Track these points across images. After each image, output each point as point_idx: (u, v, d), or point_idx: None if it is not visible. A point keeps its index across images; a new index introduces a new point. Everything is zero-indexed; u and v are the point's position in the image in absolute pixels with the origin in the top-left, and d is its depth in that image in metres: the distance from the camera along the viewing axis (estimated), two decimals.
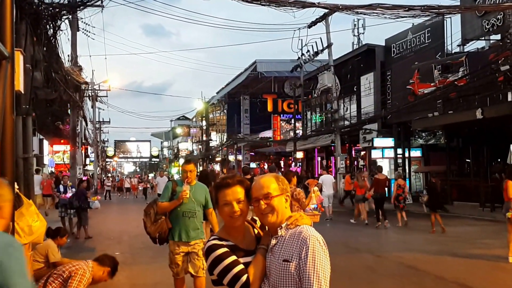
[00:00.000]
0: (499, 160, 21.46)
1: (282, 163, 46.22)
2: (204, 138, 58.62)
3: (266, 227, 2.66)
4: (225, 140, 55.07)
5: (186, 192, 6.15)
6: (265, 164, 45.59)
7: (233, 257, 2.51)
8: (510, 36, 17.77)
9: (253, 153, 49.52)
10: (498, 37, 21.92)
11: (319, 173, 34.35)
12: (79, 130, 26.93)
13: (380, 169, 18.67)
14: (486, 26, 21.94)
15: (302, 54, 29.71)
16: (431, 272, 9.41)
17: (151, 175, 67.65)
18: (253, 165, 45.35)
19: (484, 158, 23.28)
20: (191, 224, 6.31)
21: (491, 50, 21.69)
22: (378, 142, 27.80)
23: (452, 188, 24.55)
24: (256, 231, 2.73)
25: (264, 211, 2.52)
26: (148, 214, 6.46)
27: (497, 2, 21.09)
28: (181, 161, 73.57)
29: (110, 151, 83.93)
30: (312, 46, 28.97)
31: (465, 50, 24.37)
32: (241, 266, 2.49)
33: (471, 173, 24.44)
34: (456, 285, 8.41)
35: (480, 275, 9.21)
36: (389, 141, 27.65)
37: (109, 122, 60.78)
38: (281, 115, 45.56)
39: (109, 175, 68.04)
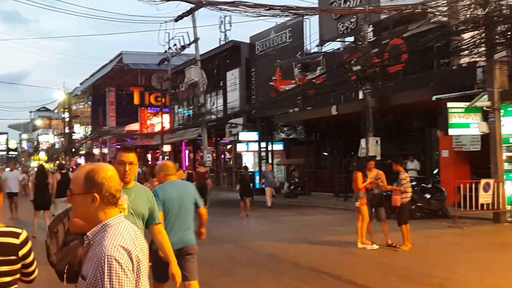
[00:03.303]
0: (352, 153, 23.20)
1: (149, 156, 45.71)
2: (67, 131, 56.00)
3: None
4: (89, 133, 53.12)
5: (123, 206, 3.76)
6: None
7: None
8: (362, 38, 19.25)
9: (119, 146, 48.34)
10: (352, 39, 23.64)
11: (186, 166, 34.55)
12: None
13: (202, 163, 21.70)
14: (341, 29, 23.58)
15: (169, 48, 29.61)
16: (288, 259, 10.04)
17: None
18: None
19: (339, 152, 25.03)
20: None
21: (346, 51, 23.33)
22: (243, 136, 28.65)
23: (310, 179, 26.06)
24: None
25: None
26: (54, 233, 4.08)
27: (351, 6, 22.73)
28: (42, 154, 69.65)
29: None
30: (179, 40, 28.99)
31: (323, 51, 25.98)
32: None
33: (327, 165, 26.12)
34: (309, 270, 9.07)
35: (331, 260, 9.99)
36: (254, 135, 28.61)
37: None
38: (148, 108, 44.99)
39: None
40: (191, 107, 34.81)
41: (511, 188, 15.21)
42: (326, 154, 27.05)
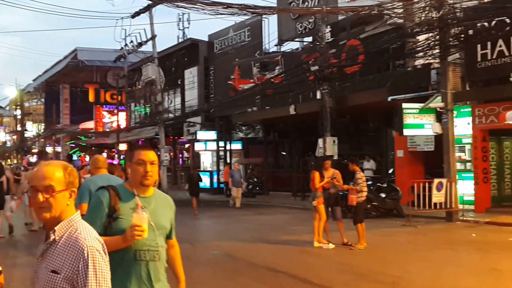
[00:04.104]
0: (310, 153, 23.34)
1: (105, 155, 44.87)
2: (19, 128, 54.41)
3: None
4: (42, 130, 51.80)
5: (142, 228, 2.93)
6: (87, 156, 43.87)
7: None
8: (320, 39, 19.38)
9: (73, 145, 47.34)
10: (310, 39, 23.78)
11: None
12: None
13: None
14: (300, 29, 23.70)
15: (126, 45, 29.11)
16: (245, 259, 9.98)
17: None
18: (74, 157, 43.40)
19: (297, 151, 25.15)
20: (152, 272, 3.11)
21: (304, 51, 23.45)
22: (201, 135, 28.44)
23: (269, 179, 26.10)
24: None
25: (41, 205, 2.13)
26: None
27: (309, 6, 22.86)
28: None
29: None
30: (136, 36, 28.55)
31: (281, 50, 26.06)
32: None
33: (286, 165, 26.21)
34: (266, 269, 9.04)
35: (288, 259, 9.99)
36: (212, 134, 28.44)
37: None
38: (104, 105, 44.20)
39: None
40: (148, 105, 34.40)
41: (463, 188, 15.61)
42: (284, 153, 27.15)
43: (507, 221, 13.57)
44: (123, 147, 36.68)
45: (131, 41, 28.66)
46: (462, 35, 14.91)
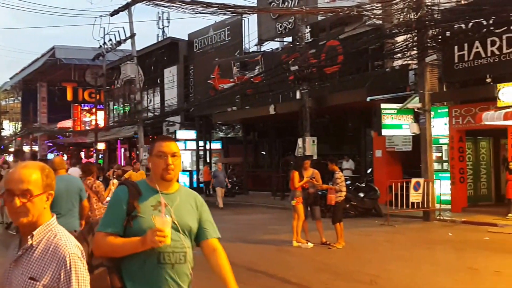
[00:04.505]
0: (290, 152, 23.38)
1: (83, 154, 44.43)
2: None
3: None
4: (19, 129, 51.10)
5: (165, 234, 2.58)
6: (64, 155, 43.37)
7: None
8: (300, 39, 19.43)
9: (51, 144, 46.74)
10: (290, 39, 23.84)
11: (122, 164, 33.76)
12: None
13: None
14: (280, 29, 23.75)
15: (104, 43, 28.85)
16: None
17: None
18: (51, 156, 42.82)
19: (277, 151, 25.20)
20: (178, 275, 2.79)
21: (284, 51, 23.49)
22: (181, 134, 28.31)
23: (248, 179, 26.10)
24: None
25: (18, 210, 2.03)
26: None
27: (289, 6, 22.92)
28: None
29: None
30: (114, 35, 28.31)
31: (261, 50, 26.06)
32: None
33: (265, 164, 26.23)
34: (245, 269, 9.01)
35: (267, 259, 9.99)
36: (192, 134, 28.34)
37: None
38: (82, 104, 43.70)
39: None
40: (127, 104, 34.14)
41: (440, 187, 15.80)
42: (264, 153, 27.18)
43: (483, 221, 13.79)
44: (101, 146, 36.35)
45: (110, 40, 28.41)
46: (440, 37, 15.09)
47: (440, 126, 16.42)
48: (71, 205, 6.45)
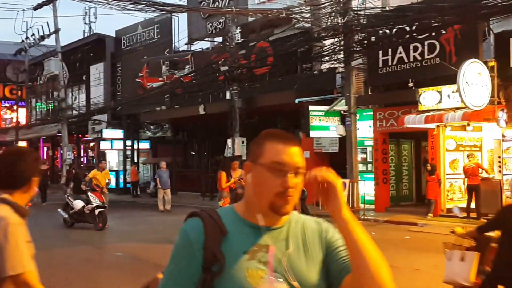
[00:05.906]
0: (220, 153, 23.30)
1: None
2: None
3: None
4: None
5: None
6: None
7: None
8: (230, 39, 19.44)
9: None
10: (221, 39, 23.81)
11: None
12: None
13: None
14: (210, 28, 23.64)
15: (27, 38, 27.70)
16: (150, 260, 9.76)
17: None
18: None
19: (206, 151, 25.07)
20: None
21: (214, 51, 23.44)
22: (108, 133, 27.64)
23: (177, 179, 25.80)
24: None
25: None
26: None
27: (219, 6, 22.87)
28: None
29: None
30: (38, 29, 27.23)
31: (192, 49, 25.87)
32: None
33: (195, 164, 26.05)
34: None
35: None
36: (119, 133, 27.71)
37: None
38: (2, 101, 41.77)
39: None
40: (51, 102, 32.93)
41: (364, 188, 16.27)
42: (193, 153, 26.97)
43: (404, 220, 14.32)
44: (22, 144, 34.83)
45: (33, 34, 27.34)
46: (365, 41, 15.55)
47: (365, 129, 16.90)
48: None
